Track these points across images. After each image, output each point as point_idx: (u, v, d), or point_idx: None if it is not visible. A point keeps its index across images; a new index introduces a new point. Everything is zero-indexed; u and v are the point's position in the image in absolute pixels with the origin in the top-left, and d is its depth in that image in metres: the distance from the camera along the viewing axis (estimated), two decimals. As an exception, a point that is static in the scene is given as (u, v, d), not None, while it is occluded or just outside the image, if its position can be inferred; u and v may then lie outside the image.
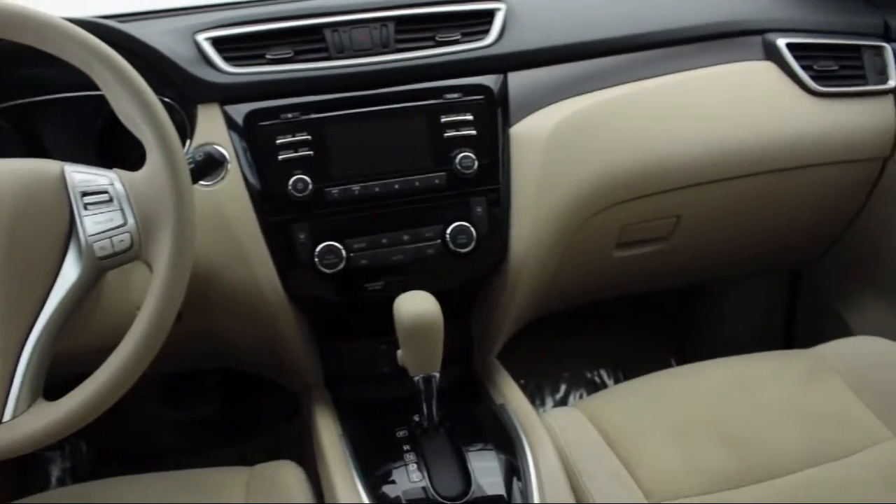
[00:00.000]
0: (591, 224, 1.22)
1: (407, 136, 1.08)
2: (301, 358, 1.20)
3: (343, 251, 1.07)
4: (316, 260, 1.06)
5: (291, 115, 1.06)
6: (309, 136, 1.06)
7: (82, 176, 0.81)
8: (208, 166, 1.04)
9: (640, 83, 1.23)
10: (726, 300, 1.78)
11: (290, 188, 1.05)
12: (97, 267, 0.80)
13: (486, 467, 1.02)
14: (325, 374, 1.24)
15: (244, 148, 1.06)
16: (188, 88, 1.07)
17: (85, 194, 0.80)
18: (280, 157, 1.05)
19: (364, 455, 1.06)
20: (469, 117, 1.09)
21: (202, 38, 1.08)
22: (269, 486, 1.02)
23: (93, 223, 0.79)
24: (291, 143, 1.05)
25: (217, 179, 1.06)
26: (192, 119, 1.07)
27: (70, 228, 0.80)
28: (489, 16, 1.16)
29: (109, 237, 0.79)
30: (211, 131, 1.07)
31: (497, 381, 1.22)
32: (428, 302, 0.96)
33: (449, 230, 1.09)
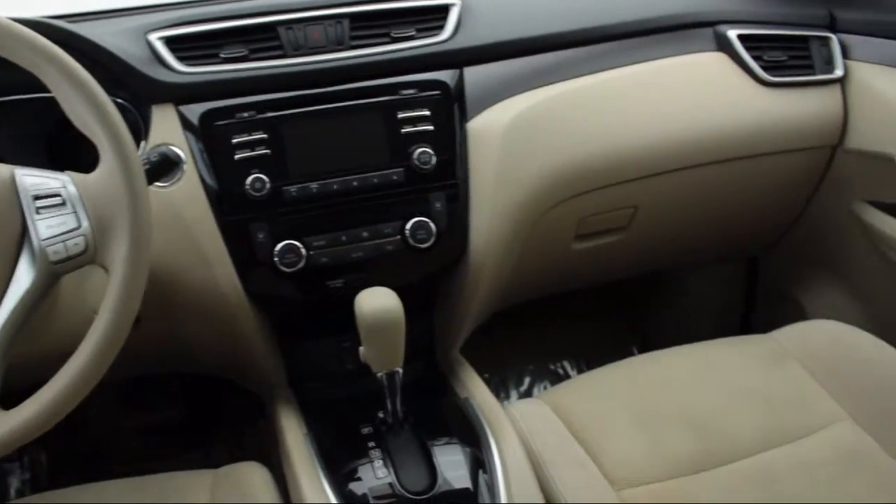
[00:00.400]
0: (549, 217, 1.23)
1: (364, 132, 1.08)
2: (263, 358, 1.19)
3: (303, 249, 1.06)
4: (275, 259, 1.06)
5: (247, 114, 1.05)
6: (265, 135, 1.05)
7: (33, 179, 0.79)
8: (164, 167, 1.02)
9: (594, 76, 1.24)
10: (685, 288, 1.81)
11: (247, 187, 1.04)
12: (51, 272, 0.78)
13: (451, 461, 1.02)
14: (289, 373, 1.24)
15: (200, 148, 1.05)
16: (141, 89, 1.06)
17: (37, 198, 0.78)
18: (237, 157, 1.04)
19: (329, 453, 1.06)
20: (426, 113, 1.10)
21: (155, 38, 1.07)
22: (234, 488, 1.01)
23: (45, 227, 0.78)
24: (248, 142, 1.05)
25: (173, 181, 1.04)
26: (146, 120, 1.06)
27: (22, 233, 0.78)
28: (444, 11, 1.16)
29: (63, 241, 0.78)
30: (166, 132, 1.05)
31: (460, 375, 1.23)
32: (389, 298, 0.96)
33: (408, 226, 1.09)
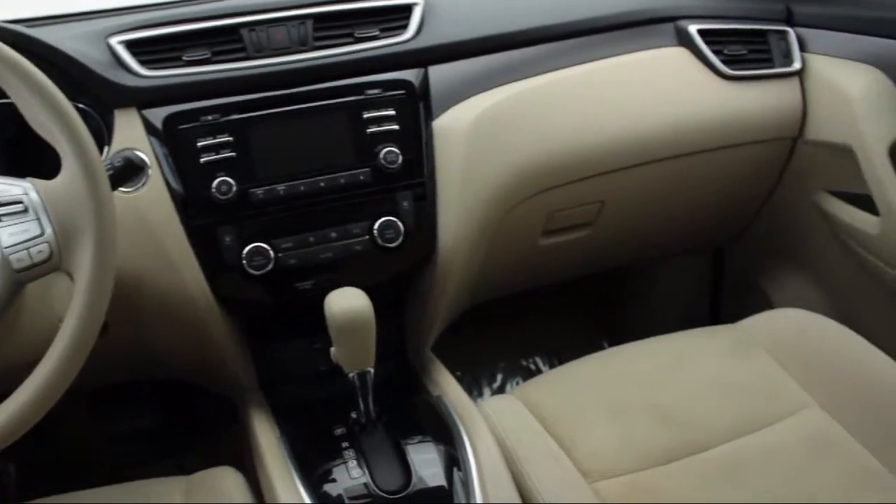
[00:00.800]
0: (516, 213, 1.24)
1: (330, 133, 1.08)
2: (233, 361, 1.19)
3: (271, 252, 1.06)
4: (243, 262, 1.05)
5: (212, 117, 1.05)
6: (231, 138, 1.04)
7: None
8: (128, 172, 1.01)
9: (558, 73, 1.25)
10: (653, 281, 1.83)
11: (213, 191, 1.03)
12: (15, 280, 0.77)
13: (425, 459, 1.02)
14: (260, 376, 1.23)
15: (165, 152, 1.04)
16: (103, 94, 1.04)
17: None
18: (202, 160, 1.04)
19: (303, 455, 1.05)
20: (391, 112, 1.10)
21: (116, 42, 1.06)
22: (208, 494, 1.00)
23: (8, 235, 0.76)
24: (213, 145, 1.04)
25: (139, 185, 1.03)
26: (109, 125, 1.05)
27: None
28: (407, 10, 1.16)
29: (27, 248, 0.77)
30: (130, 137, 1.04)
31: (433, 374, 1.23)
32: (358, 298, 0.96)
33: (376, 225, 1.09)
